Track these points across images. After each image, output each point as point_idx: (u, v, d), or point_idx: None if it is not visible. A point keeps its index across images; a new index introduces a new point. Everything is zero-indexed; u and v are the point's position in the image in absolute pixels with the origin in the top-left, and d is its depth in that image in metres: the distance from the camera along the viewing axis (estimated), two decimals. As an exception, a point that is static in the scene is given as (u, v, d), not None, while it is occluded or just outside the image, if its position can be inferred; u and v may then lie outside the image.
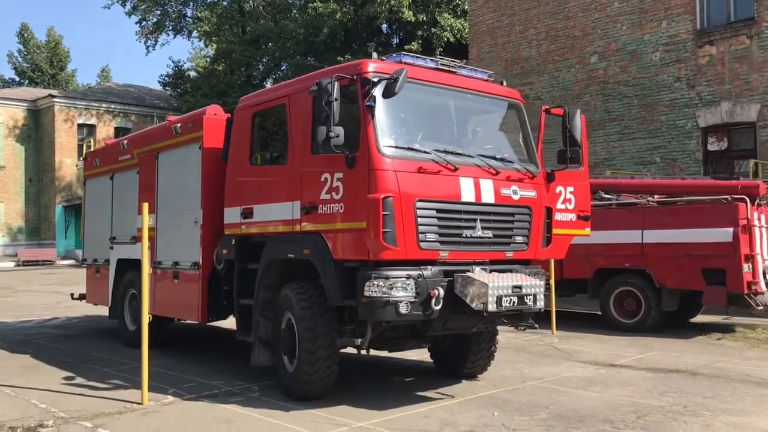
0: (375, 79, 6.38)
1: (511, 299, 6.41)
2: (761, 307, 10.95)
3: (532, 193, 7.28)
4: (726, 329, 11.98)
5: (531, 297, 6.59)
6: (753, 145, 16.22)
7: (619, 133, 18.39)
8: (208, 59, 48.12)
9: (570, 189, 8.15)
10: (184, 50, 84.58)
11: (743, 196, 10.84)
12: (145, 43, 46.34)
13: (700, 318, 13.08)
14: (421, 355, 8.76)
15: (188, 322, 10.14)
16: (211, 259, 8.38)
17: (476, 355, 7.88)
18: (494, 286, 6.26)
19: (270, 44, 40.99)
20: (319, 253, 6.67)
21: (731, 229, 10.72)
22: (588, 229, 8.42)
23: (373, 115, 6.32)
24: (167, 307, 9.31)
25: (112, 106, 43.36)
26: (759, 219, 11.34)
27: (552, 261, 11.57)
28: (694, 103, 17.04)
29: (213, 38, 42.98)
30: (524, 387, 7.60)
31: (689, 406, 6.72)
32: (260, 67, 42.78)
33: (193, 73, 47.35)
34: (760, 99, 15.99)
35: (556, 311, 12.01)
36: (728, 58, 16.49)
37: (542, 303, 6.78)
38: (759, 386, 7.61)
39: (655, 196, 12.22)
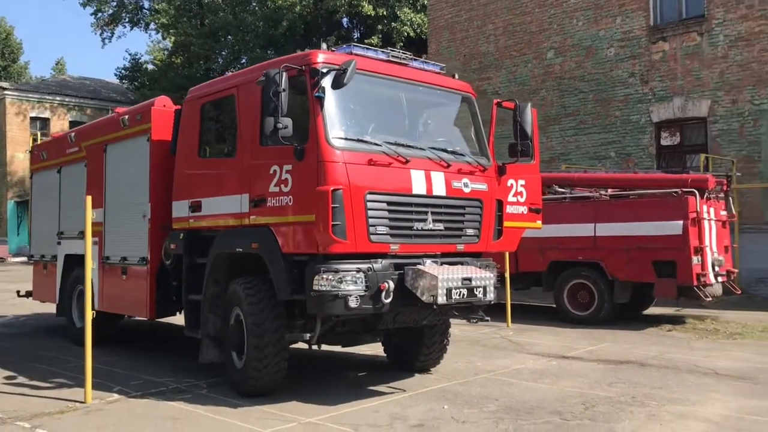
0: (324, 70, 6.29)
1: (461, 291, 6.39)
2: (710, 299, 11.17)
3: (483, 186, 7.27)
4: (677, 321, 12.20)
5: (481, 289, 6.59)
6: (704, 140, 16.55)
7: (575, 128, 18.59)
8: (166, 52, 47.28)
9: (521, 182, 8.17)
10: (141, 43, 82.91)
11: (693, 190, 11.03)
12: (100, 35, 45.34)
13: (652, 310, 13.29)
14: (375, 349, 8.72)
15: (139, 318, 9.92)
16: (160, 254, 8.20)
17: (429, 348, 7.86)
18: (444, 279, 6.24)
19: (229, 37, 40.44)
20: (267, 247, 6.57)
21: (681, 222, 10.91)
22: (539, 222, 8.46)
23: (322, 106, 6.23)
24: (116, 304, 9.09)
25: (67, 99, 42.32)
26: (708, 212, 11.56)
27: (506, 254, 11.64)
28: (648, 99, 17.31)
29: (171, 31, 42.26)
30: (476, 380, 7.60)
31: (637, 396, 6.80)
32: (219, 60, 42.10)
33: (150, 66, 46.50)
34: (711, 95, 16.32)
35: (511, 304, 12.10)
36: (680, 55, 16.78)
37: (492, 295, 6.78)
38: (705, 376, 7.74)
39: (609, 190, 12.37)
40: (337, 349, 8.28)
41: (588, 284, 11.91)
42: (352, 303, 6.09)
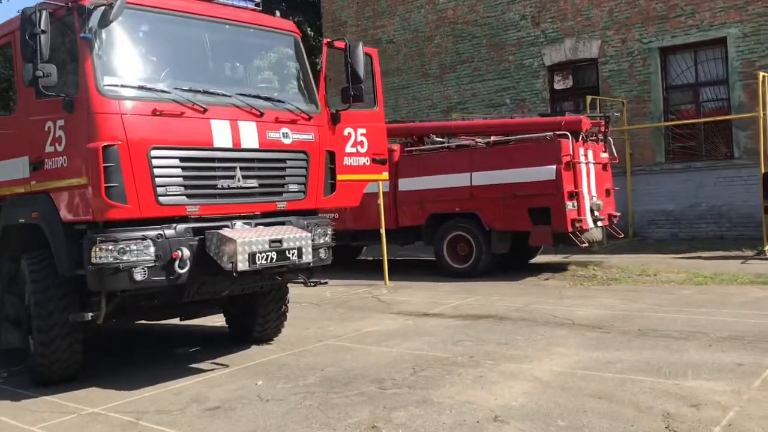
0: (92, 7, 5.39)
1: (268, 255, 5.70)
2: (586, 244, 10.85)
3: (308, 136, 6.55)
4: (560, 268, 11.89)
5: (295, 251, 5.91)
6: (596, 82, 16.20)
7: (470, 75, 18.00)
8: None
9: (362, 131, 7.48)
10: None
11: (566, 133, 10.59)
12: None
13: (541, 258, 13.00)
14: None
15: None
16: (-41, 229, 7.23)
17: (264, 317, 7.19)
18: (245, 242, 5.53)
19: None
20: (47, 216, 5.74)
21: (554, 167, 10.48)
22: (385, 174, 7.83)
23: (91, 50, 5.35)
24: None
25: None
26: (586, 155, 11.19)
27: (381, 208, 11.08)
28: (540, 41, 16.82)
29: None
30: (315, 348, 7.00)
31: (476, 355, 6.31)
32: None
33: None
34: (601, 35, 15.92)
35: (398, 260, 11.60)
36: (570, -6, 16.28)
37: (312, 257, 6.10)
38: (559, 327, 7.34)
39: (492, 138, 11.82)
40: (181, 322, 7.58)
41: (466, 236, 11.44)
42: (138, 276, 5.34)
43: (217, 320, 8.19)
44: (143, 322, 7.14)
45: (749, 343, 6.23)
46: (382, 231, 11.14)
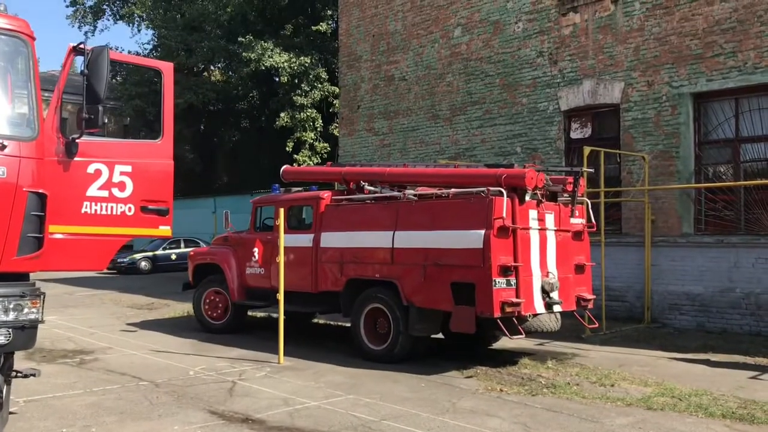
0: None
1: None
2: (522, 336, 8.27)
3: (-8, 170, 4.72)
4: (508, 360, 9.27)
5: None
6: (617, 132, 13.51)
7: (481, 119, 15.70)
8: (147, 47, 45.61)
9: (123, 169, 5.56)
10: (124, 37, 77.75)
11: (501, 189, 8.18)
12: (79, 27, 43.87)
13: (513, 343, 10.29)
14: None
15: None
16: None
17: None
18: None
19: (207, 28, 38.42)
20: None
21: (482, 232, 8.08)
22: (165, 228, 5.82)
23: None
24: None
25: (45, 95, 40.92)
26: (542, 219, 8.70)
27: (281, 268, 9.06)
28: (557, 82, 14.33)
29: (145, 23, 40.79)
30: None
31: None
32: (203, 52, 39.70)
33: (132, 61, 44.87)
34: (624, 76, 13.27)
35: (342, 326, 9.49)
36: (592, 28, 13.76)
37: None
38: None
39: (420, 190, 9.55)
40: None
41: (385, 310, 9.13)
42: None
43: None
44: None
45: None
46: (280, 296, 9.09)
